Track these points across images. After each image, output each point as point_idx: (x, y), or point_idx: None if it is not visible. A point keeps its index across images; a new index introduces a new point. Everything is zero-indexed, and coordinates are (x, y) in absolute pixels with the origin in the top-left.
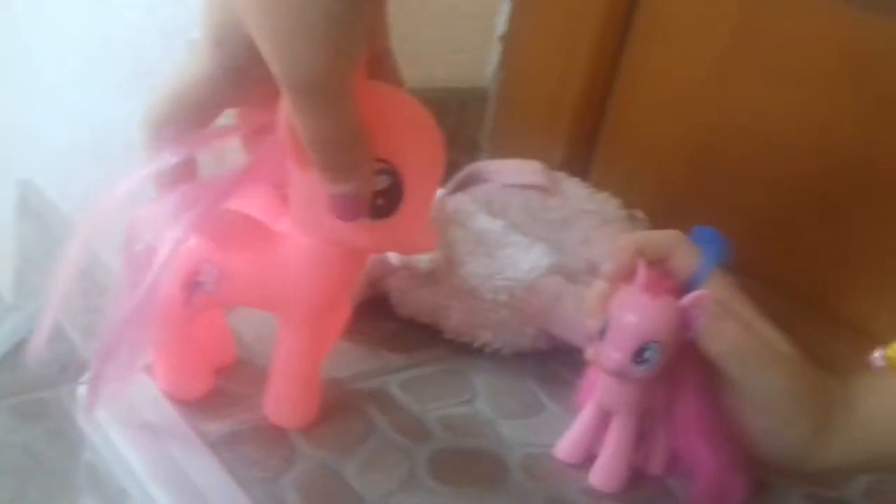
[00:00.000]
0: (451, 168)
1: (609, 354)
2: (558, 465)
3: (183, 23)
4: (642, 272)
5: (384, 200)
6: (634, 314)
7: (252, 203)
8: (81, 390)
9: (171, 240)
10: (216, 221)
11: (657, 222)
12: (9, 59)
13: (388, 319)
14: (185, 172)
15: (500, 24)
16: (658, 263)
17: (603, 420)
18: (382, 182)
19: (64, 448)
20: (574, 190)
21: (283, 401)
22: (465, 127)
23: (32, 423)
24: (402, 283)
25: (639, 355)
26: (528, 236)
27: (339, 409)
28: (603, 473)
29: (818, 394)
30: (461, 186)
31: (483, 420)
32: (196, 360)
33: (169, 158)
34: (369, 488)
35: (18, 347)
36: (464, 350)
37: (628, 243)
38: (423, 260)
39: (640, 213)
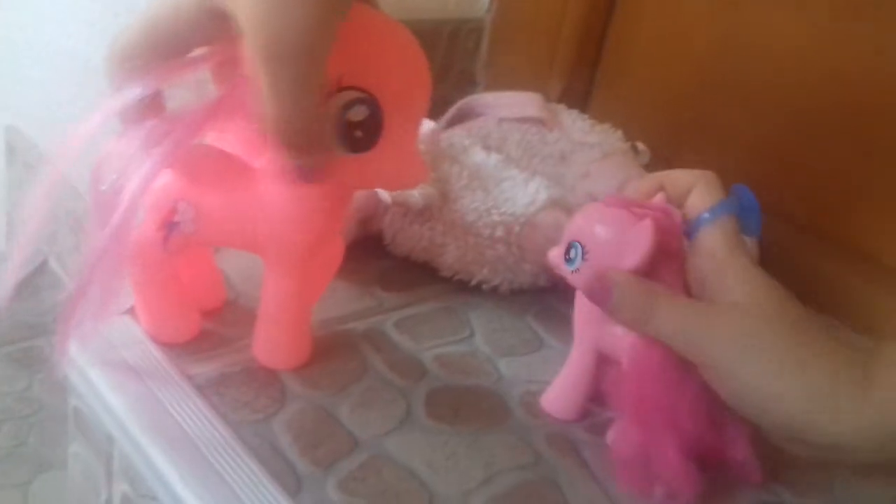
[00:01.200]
0: (444, 103)
1: (550, 251)
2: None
3: None
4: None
5: (363, 132)
6: (579, 216)
7: (229, 138)
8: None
9: (140, 176)
10: (188, 157)
11: (660, 154)
12: None
13: (381, 258)
14: (153, 106)
15: None
16: (677, 200)
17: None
18: (359, 113)
19: (61, 395)
20: (573, 122)
21: (272, 344)
22: (458, 60)
23: (29, 371)
24: (394, 220)
25: (567, 252)
26: (526, 171)
27: (331, 349)
28: (553, 398)
29: (820, 357)
30: (455, 121)
31: (481, 358)
32: (181, 302)
33: (136, 91)
34: (364, 428)
35: (12, 296)
36: (461, 288)
37: (653, 176)
38: (416, 196)
39: (641, 146)
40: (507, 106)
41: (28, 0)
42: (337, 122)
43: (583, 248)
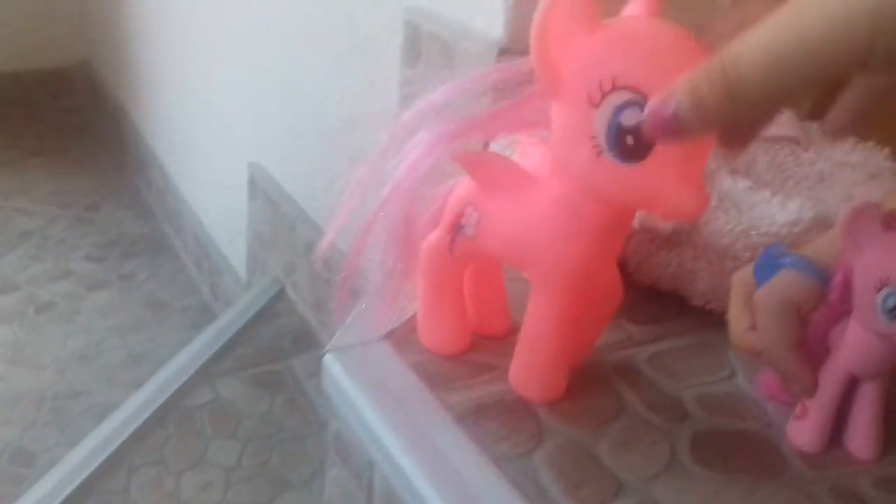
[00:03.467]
0: None
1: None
2: (841, 450)
3: None
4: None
5: (634, 139)
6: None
7: (519, 148)
8: (327, 359)
9: (416, 152)
10: (480, 161)
11: None
12: (232, 42)
13: (625, 287)
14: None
15: None
16: None
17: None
18: (632, 116)
19: (300, 417)
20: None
21: (528, 371)
22: None
23: (271, 393)
24: (640, 247)
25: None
26: (779, 195)
27: (584, 382)
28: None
29: None
30: None
31: (747, 400)
32: (457, 315)
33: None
34: (627, 471)
35: (254, 322)
36: (714, 319)
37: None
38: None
39: None
40: None
41: (273, 41)
42: (608, 126)
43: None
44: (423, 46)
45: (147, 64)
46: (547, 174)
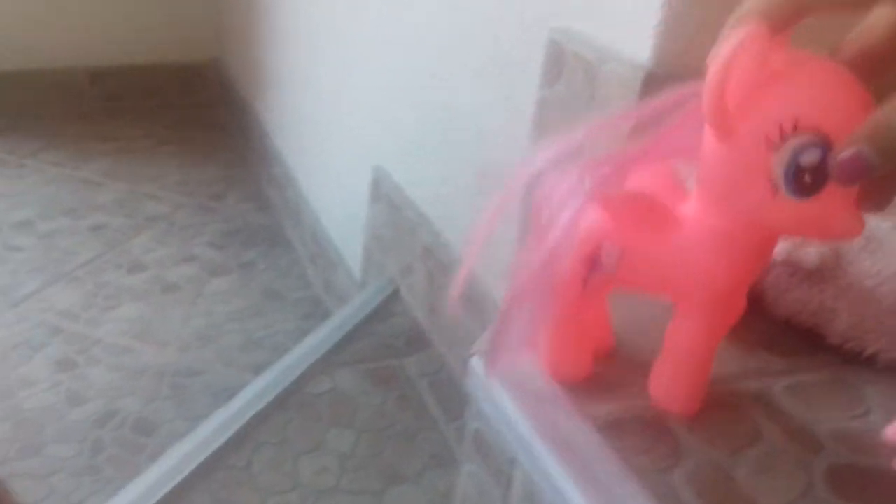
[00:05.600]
0: None
1: None
2: None
3: (541, 10)
4: None
5: (812, 177)
6: None
7: (650, 183)
8: (474, 361)
9: (572, 206)
10: (617, 200)
11: None
12: (365, 49)
13: (761, 319)
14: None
15: None
16: None
17: None
18: (812, 156)
19: (413, 414)
20: None
21: (673, 385)
22: None
23: (385, 389)
24: (780, 280)
25: None
26: None
27: (720, 406)
28: None
29: None
30: None
31: (881, 437)
32: (582, 341)
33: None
34: (764, 495)
35: (370, 319)
36: (850, 358)
37: None
38: (811, 255)
39: None
40: None
41: (407, 51)
42: (787, 165)
43: None
44: (565, 66)
45: (276, 63)
46: (691, 208)
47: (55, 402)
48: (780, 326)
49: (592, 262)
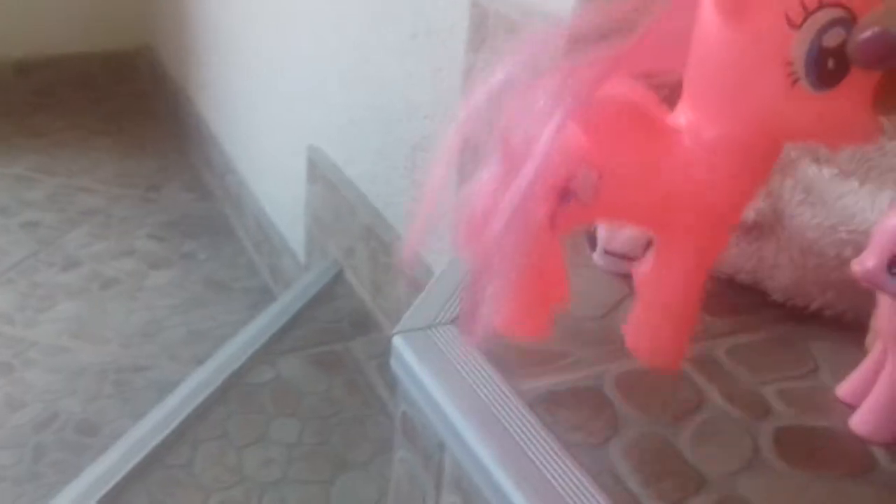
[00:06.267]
0: None
1: (862, 260)
2: None
3: None
4: None
5: (835, 63)
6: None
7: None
8: (397, 340)
9: (552, 126)
10: (596, 113)
11: None
12: (295, 28)
13: None
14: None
15: None
16: None
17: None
18: (837, 36)
19: (360, 399)
20: None
21: (655, 334)
22: None
23: (330, 374)
24: None
25: (893, 264)
26: (866, 185)
27: (660, 373)
28: (865, 418)
29: None
30: None
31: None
32: (542, 294)
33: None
34: (708, 465)
35: (313, 303)
36: (794, 314)
37: None
38: (746, 210)
39: None
40: None
41: (334, 29)
42: (810, 46)
43: None
44: (489, 29)
45: (208, 47)
46: (683, 115)
47: None
48: (722, 286)
49: (563, 193)
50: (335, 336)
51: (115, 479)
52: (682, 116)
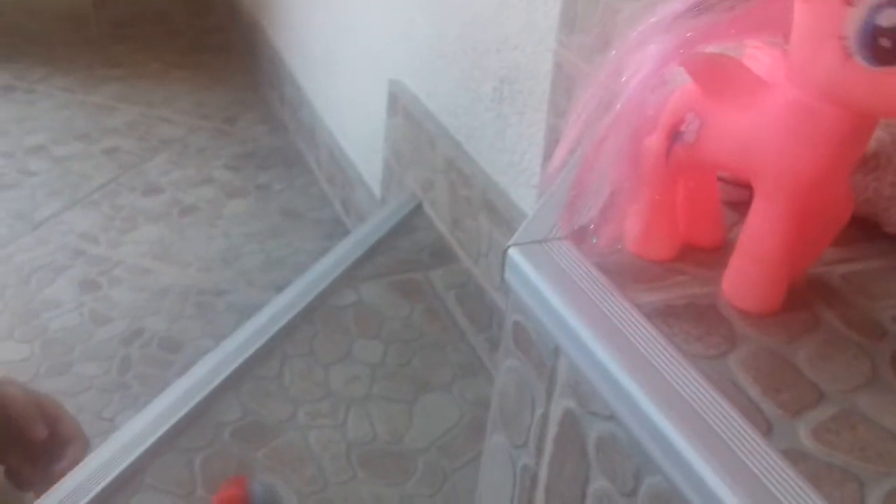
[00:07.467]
0: None
1: None
2: None
3: None
4: None
5: (890, 41)
6: None
7: (750, 52)
8: (512, 251)
9: (647, 64)
10: (705, 65)
11: None
12: None
13: None
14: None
15: None
16: None
17: None
18: (891, 17)
19: (440, 326)
20: None
21: (745, 282)
22: None
23: (411, 301)
24: None
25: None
26: None
27: None
28: None
29: None
30: None
31: None
32: (670, 222)
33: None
34: (826, 381)
35: (392, 234)
36: None
37: None
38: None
39: None
40: None
41: None
42: (861, 26)
43: None
44: None
45: None
46: (780, 79)
47: (80, 323)
48: None
49: (674, 135)
50: (415, 265)
51: (209, 389)
52: (782, 76)
